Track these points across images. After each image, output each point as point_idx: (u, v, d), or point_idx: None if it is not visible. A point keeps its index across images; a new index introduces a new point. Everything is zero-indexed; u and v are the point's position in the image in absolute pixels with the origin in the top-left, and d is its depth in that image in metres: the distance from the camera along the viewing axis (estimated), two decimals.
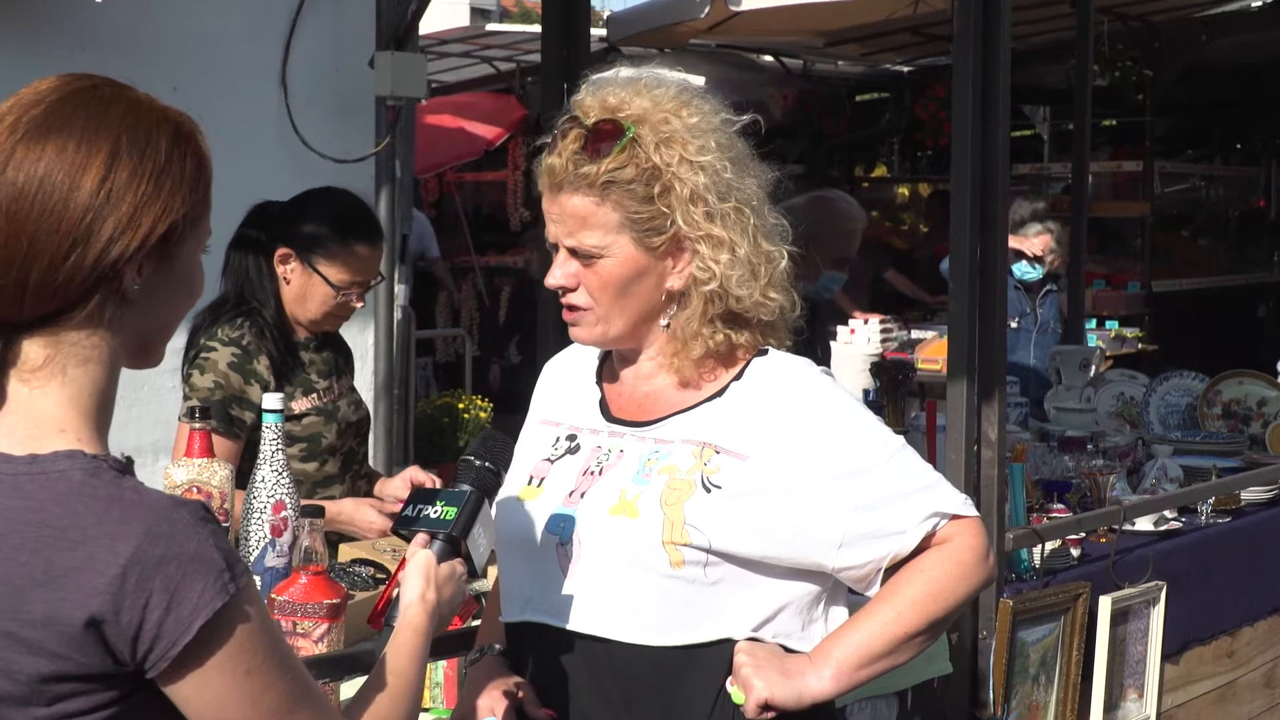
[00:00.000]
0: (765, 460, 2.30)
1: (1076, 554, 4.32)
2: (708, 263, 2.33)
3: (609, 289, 2.35)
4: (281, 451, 2.91)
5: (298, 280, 3.74)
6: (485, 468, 2.27)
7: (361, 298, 3.79)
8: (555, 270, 2.37)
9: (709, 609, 2.30)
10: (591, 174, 2.30)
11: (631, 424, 2.42)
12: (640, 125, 2.32)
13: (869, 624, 2.32)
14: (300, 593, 2.57)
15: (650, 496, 2.31)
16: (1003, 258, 3.95)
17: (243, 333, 3.68)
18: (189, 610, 1.63)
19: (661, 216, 2.32)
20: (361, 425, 3.91)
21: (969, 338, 3.89)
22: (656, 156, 2.31)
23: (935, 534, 2.34)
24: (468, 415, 8.62)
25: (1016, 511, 4.14)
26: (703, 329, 2.36)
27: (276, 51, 6.74)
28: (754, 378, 2.39)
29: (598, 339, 2.41)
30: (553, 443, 2.49)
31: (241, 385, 3.63)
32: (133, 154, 1.71)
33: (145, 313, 1.76)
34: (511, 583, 2.44)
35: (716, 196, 2.33)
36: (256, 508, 2.89)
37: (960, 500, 2.38)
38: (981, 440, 3.92)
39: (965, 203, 3.86)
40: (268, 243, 3.75)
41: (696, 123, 2.34)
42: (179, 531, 1.64)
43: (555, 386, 2.59)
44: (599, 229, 2.32)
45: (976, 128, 3.86)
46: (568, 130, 2.34)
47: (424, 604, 2.11)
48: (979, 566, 2.36)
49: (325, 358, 3.84)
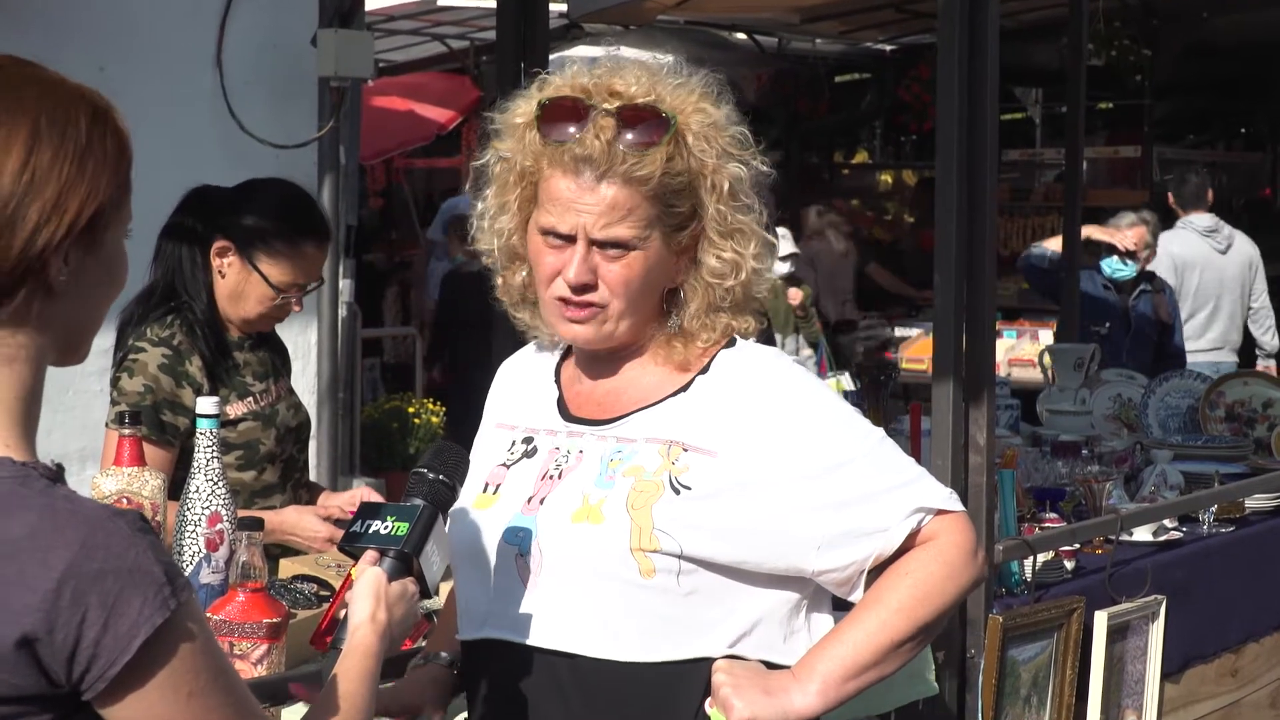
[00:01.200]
0: (736, 456, 2.32)
1: (1070, 566, 4.34)
2: (731, 255, 2.39)
3: (633, 285, 2.37)
4: (217, 459, 2.90)
5: (234, 276, 3.73)
6: (439, 481, 2.27)
7: (300, 301, 3.79)
8: (571, 266, 2.35)
9: (683, 622, 2.31)
10: (645, 165, 2.32)
11: (591, 423, 2.44)
12: (678, 116, 2.35)
13: (854, 633, 2.33)
14: (238, 611, 2.57)
15: (615, 500, 2.32)
16: (991, 249, 3.97)
17: (173, 331, 3.67)
18: (128, 627, 1.63)
19: (690, 212, 2.38)
20: (302, 430, 3.91)
21: (956, 335, 3.91)
22: (698, 150, 2.36)
23: (920, 531, 2.35)
24: (418, 421, 8.61)
25: (1006, 521, 4.16)
26: (707, 319, 2.42)
27: (211, 29, 6.73)
28: (721, 371, 2.41)
29: (604, 338, 2.41)
30: (508, 447, 2.50)
31: (173, 388, 3.62)
32: (53, 135, 1.71)
33: (72, 305, 1.75)
34: (469, 598, 2.44)
35: (744, 191, 2.40)
36: (190, 520, 2.89)
37: (945, 494, 2.39)
38: (969, 445, 3.94)
39: (951, 190, 3.87)
40: (204, 233, 3.74)
41: (727, 113, 2.41)
42: (116, 543, 1.64)
43: (510, 388, 2.60)
44: (639, 222, 2.34)
45: (963, 110, 3.87)
46: (576, 109, 2.34)
47: (374, 625, 2.11)
48: (968, 564, 2.37)
49: (261, 358, 3.84)
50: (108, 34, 6.37)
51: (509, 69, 4.48)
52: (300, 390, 4.03)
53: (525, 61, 4.46)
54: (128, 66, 6.26)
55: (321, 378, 7.08)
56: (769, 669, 2.35)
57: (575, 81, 2.38)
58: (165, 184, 3.49)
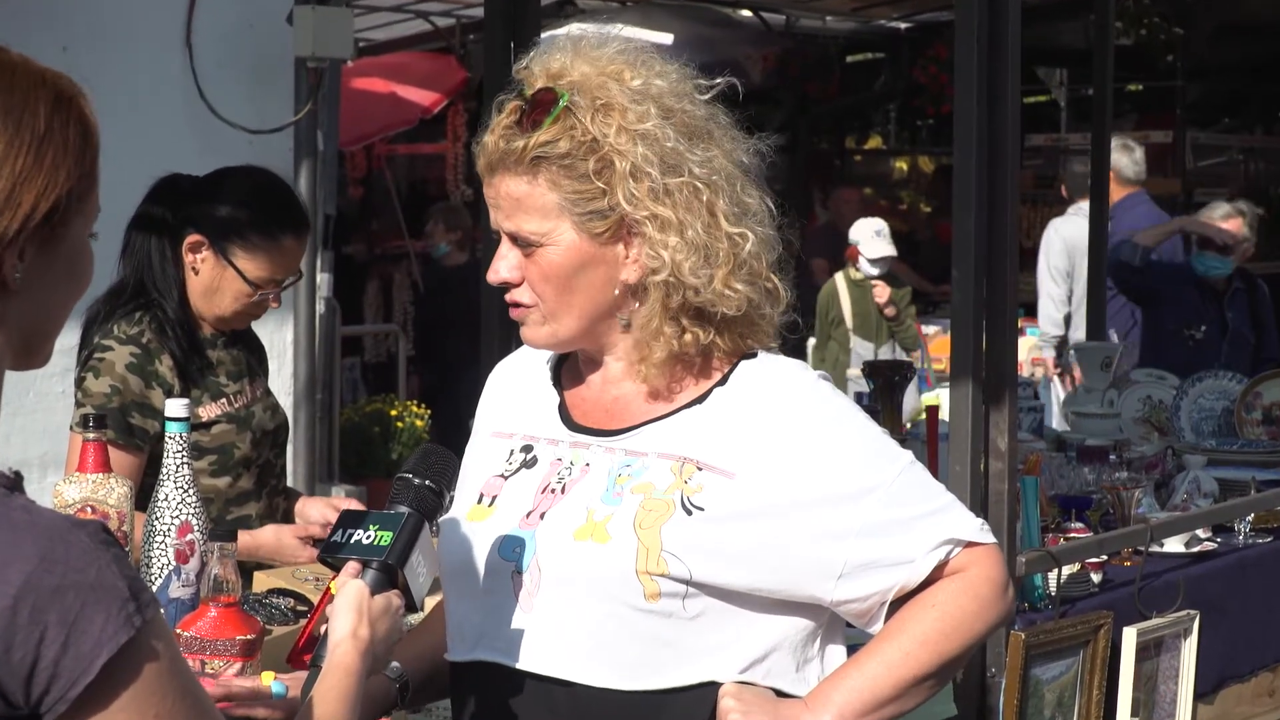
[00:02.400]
0: (754, 478, 2.30)
1: (1097, 579, 4.35)
2: (656, 248, 2.33)
3: (552, 282, 2.35)
4: (188, 465, 2.90)
5: (208, 272, 3.73)
6: (425, 486, 2.26)
7: (279, 297, 3.79)
8: (496, 263, 2.38)
9: (689, 648, 2.30)
10: (519, 149, 2.30)
11: (598, 433, 2.42)
12: (578, 92, 2.32)
13: (873, 664, 2.32)
14: (209, 628, 2.57)
15: (622, 519, 2.30)
16: (1013, 240, 3.98)
17: (142, 329, 3.67)
18: (90, 646, 1.63)
19: (602, 196, 2.32)
20: (279, 434, 3.92)
21: (975, 333, 3.91)
22: (594, 127, 2.30)
23: (947, 563, 2.34)
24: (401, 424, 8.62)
25: (1029, 531, 4.16)
26: (664, 327, 2.35)
27: (180, 7, 6.72)
28: (741, 383, 2.38)
29: (547, 340, 2.41)
30: (506, 456, 2.48)
31: (142, 389, 3.62)
32: (8, 123, 1.70)
33: (28, 305, 1.75)
34: (459, 617, 2.43)
35: (661, 170, 2.31)
36: (159, 530, 2.89)
37: (976, 525, 2.38)
38: (989, 450, 3.94)
39: (970, 178, 3.88)
40: (175, 225, 3.75)
41: (639, 86, 2.33)
42: (77, 556, 1.64)
43: (506, 393, 2.58)
44: (536, 213, 2.32)
45: (983, 93, 3.88)
46: (505, 103, 2.35)
47: (356, 642, 2.11)
48: (997, 601, 2.36)
49: (236, 357, 3.84)
50: (70, 12, 6.37)
51: (498, 48, 4.48)
52: (275, 392, 4.03)
53: (515, 40, 4.46)
54: (91, 47, 6.26)
55: (298, 378, 7.08)
56: (780, 697, 2.34)
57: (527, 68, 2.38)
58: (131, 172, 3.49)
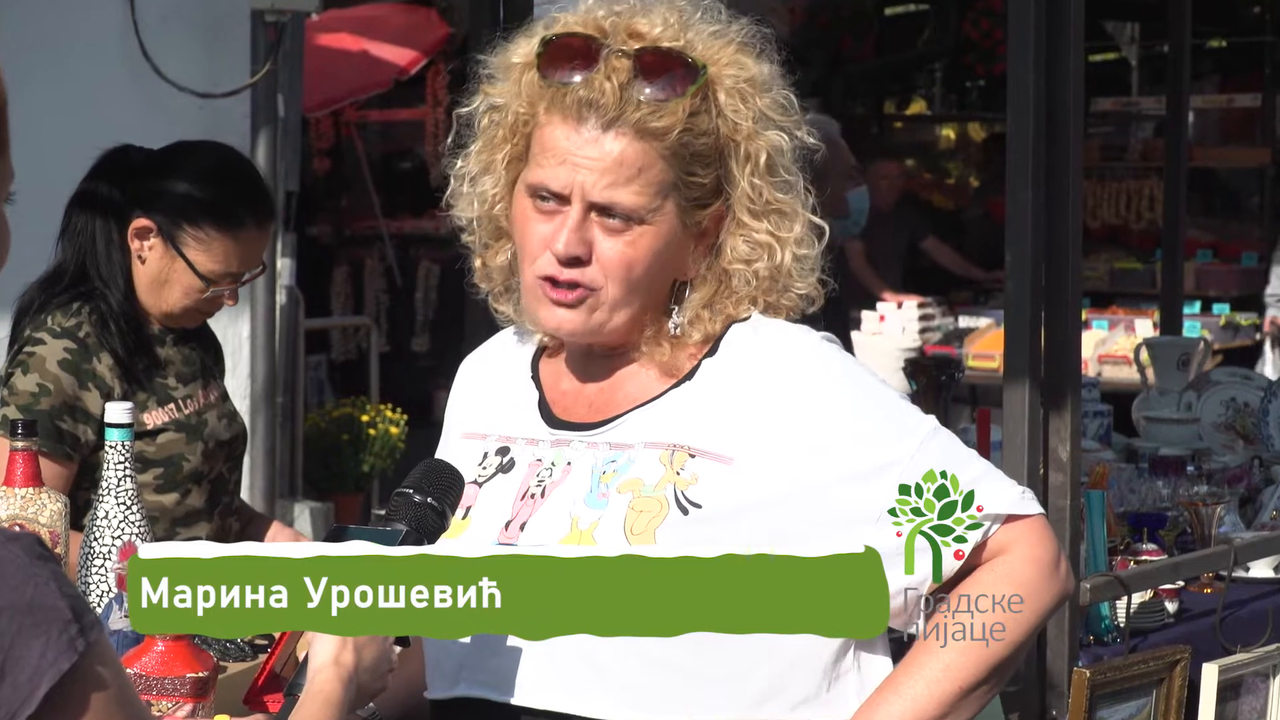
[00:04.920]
0: (755, 462, 2.32)
1: (1173, 609, 4.35)
2: (765, 237, 2.39)
3: (636, 268, 2.37)
4: (130, 479, 2.91)
5: (156, 262, 3.73)
6: (428, 505, 2.27)
7: (235, 293, 3.80)
8: (565, 234, 2.36)
9: (696, 672, 2.32)
10: (665, 117, 2.33)
11: (581, 427, 2.44)
12: (710, 67, 2.37)
13: (913, 684, 2.33)
14: (156, 664, 2.58)
15: (610, 524, 2.33)
16: (1076, 219, 3.98)
17: (80, 321, 3.68)
18: (28, 675, 1.64)
19: (714, 185, 2.39)
20: (235, 445, 3.91)
21: (1032, 326, 3.92)
22: (731, 110, 2.37)
23: (986, 543, 2.36)
24: (374, 431, 8.63)
25: (1095, 554, 4.17)
26: (703, 311, 2.42)
27: None
28: (733, 351, 2.41)
29: (594, 330, 2.41)
30: (479, 461, 2.50)
31: (75, 390, 3.63)
32: None
33: None
34: (437, 649, 2.45)
35: (790, 164, 2.41)
36: (99, 552, 2.90)
37: (1017, 494, 2.39)
38: (1049, 461, 3.95)
39: (1026, 148, 3.88)
40: (123, 205, 3.75)
41: (771, 72, 2.42)
42: (11, 574, 1.65)
43: (477, 390, 2.61)
44: (650, 187, 2.35)
45: (1041, 50, 3.88)
46: (587, 49, 2.35)
47: (338, 669, 2.12)
48: (1048, 582, 2.37)
49: (188, 356, 3.84)
50: None
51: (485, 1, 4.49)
52: (231, 394, 4.03)
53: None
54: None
55: (255, 379, 7.09)
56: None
57: (590, 19, 2.39)
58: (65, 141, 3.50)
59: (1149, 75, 14.08)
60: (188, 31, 6.84)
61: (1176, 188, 7.22)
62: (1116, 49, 14.45)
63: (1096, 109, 13.31)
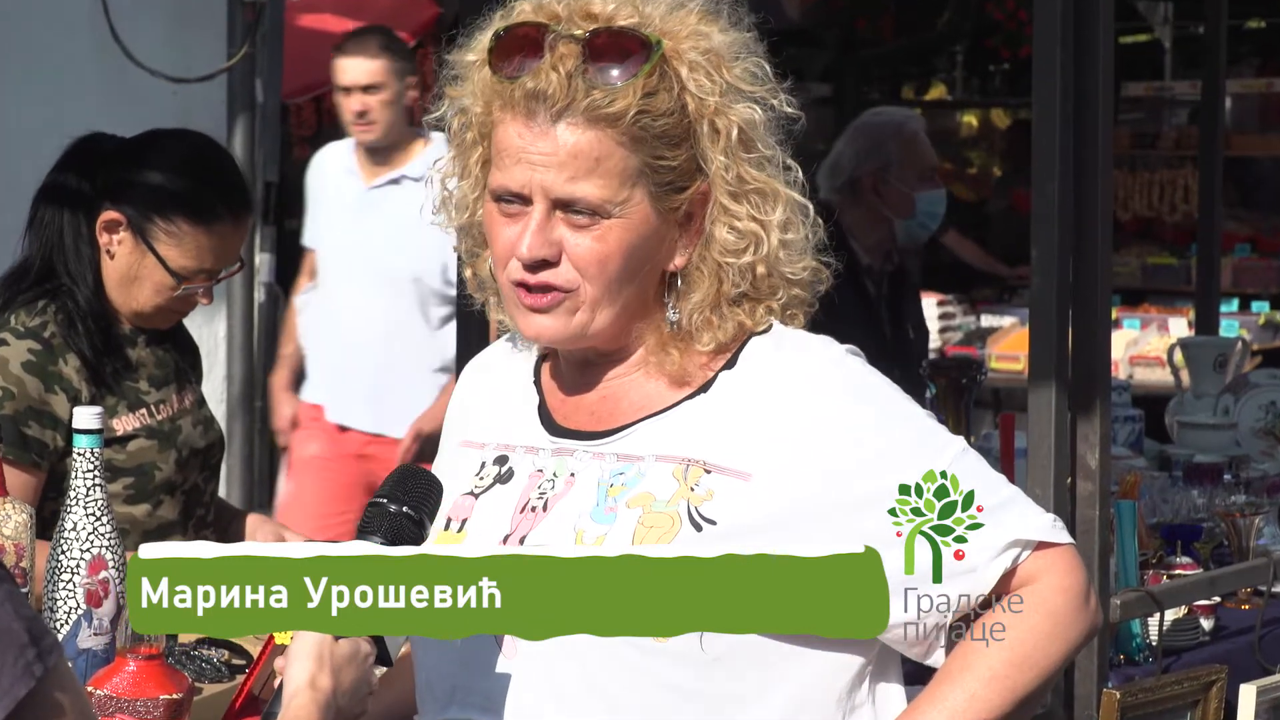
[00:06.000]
0: (774, 480, 2.33)
1: (1208, 626, 4.35)
2: (748, 223, 2.38)
3: (611, 264, 2.37)
4: (100, 488, 2.92)
5: (126, 257, 3.73)
6: (403, 514, 2.27)
7: (210, 291, 3.80)
8: (527, 235, 2.36)
9: (708, 699, 2.32)
10: (616, 101, 2.32)
11: (584, 435, 2.45)
12: (665, 40, 2.36)
13: (936, 714, 2.34)
14: (128, 685, 2.59)
15: (618, 539, 2.33)
16: (1105, 211, 3.98)
17: (46, 320, 3.68)
18: None
19: (689, 164, 2.38)
20: (210, 454, 3.91)
21: (1059, 326, 3.92)
22: (695, 85, 2.36)
23: (1015, 571, 2.37)
24: None
25: (1126, 568, 4.17)
26: (713, 315, 2.41)
27: None
28: (752, 363, 2.42)
29: (576, 334, 2.41)
30: (476, 470, 2.51)
31: (41, 394, 3.63)
32: None
33: None
34: (430, 670, 2.46)
35: (765, 134, 2.40)
36: (67, 566, 2.90)
37: (1047, 522, 2.40)
38: (1078, 469, 3.95)
39: (1053, 136, 3.89)
40: (92, 197, 3.75)
41: (738, 40, 2.41)
42: None
43: (477, 397, 2.62)
44: (613, 177, 2.35)
45: (1068, 31, 3.89)
46: (537, 38, 2.35)
47: (314, 693, 2.13)
48: (1077, 614, 2.39)
49: (161, 359, 3.85)
50: None
51: None
52: (207, 398, 4.03)
53: None
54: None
55: (232, 382, 7.08)
56: None
57: (544, 5, 2.39)
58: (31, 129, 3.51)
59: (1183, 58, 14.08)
60: (160, 12, 6.84)
61: (1212, 178, 7.22)
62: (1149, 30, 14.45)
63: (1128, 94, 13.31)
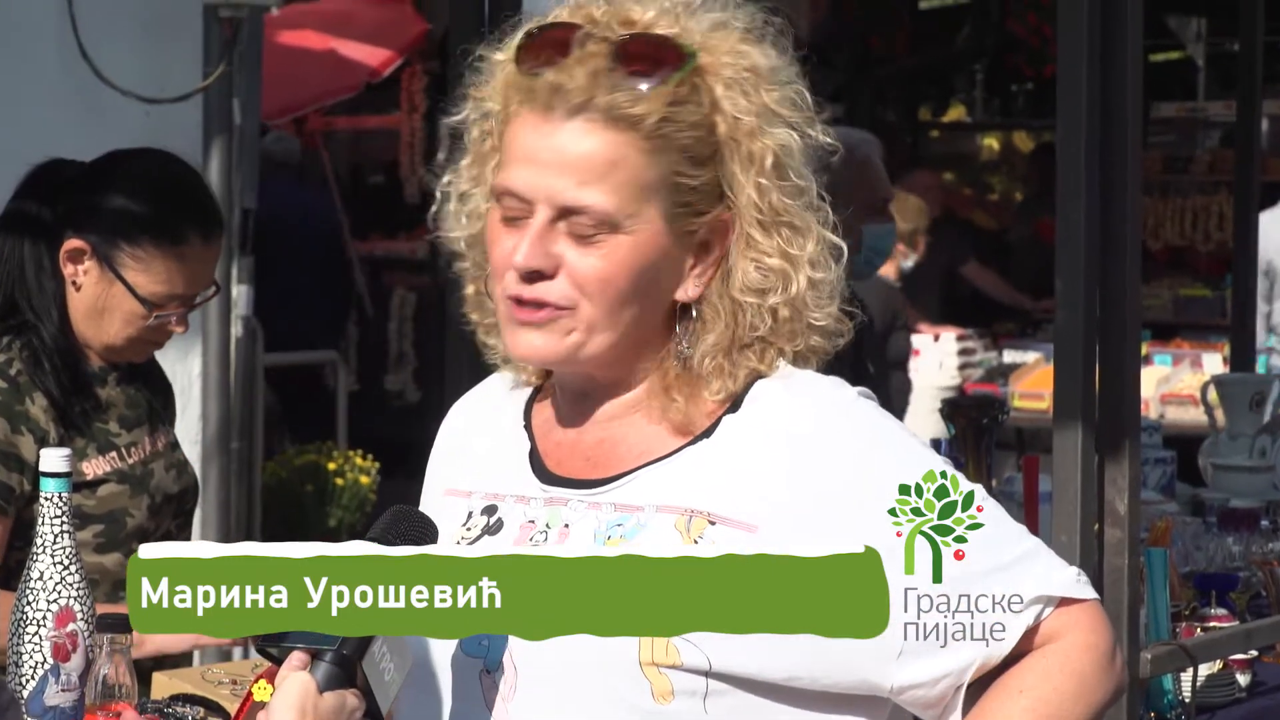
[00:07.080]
0: (783, 531, 2.32)
1: (1245, 682, 4.35)
2: (777, 260, 2.37)
3: (615, 282, 2.34)
4: (68, 535, 2.92)
5: (92, 287, 3.74)
6: None
7: (185, 319, 3.80)
8: (523, 243, 2.34)
9: None
10: (640, 103, 2.31)
11: (579, 484, 2.44)
12: (705, 53, 2.36)
13: None
14: None
15: None
16: (1135, 240, 3.99)
17: (10, 358, 3.68)
18: None
19: (710, 190, 2.36)
20: (185, 499, 3.91)
21: (1086, 362, 3.93)
22: (727, 102, 2.35)
23: (1038, 628, 2.37)
24: (342, 481, 8.63)
25: (1157, 620, 4.17)
26: (725, 360, 2.40)
27: None
28: (758, 407, 2.41)
29: (568, 355, 2.39)
30: (463, 520, 2.50)
31: (7, 435, 3.63)
32: None
33: None
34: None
35: (800, 164, 2.38)
36: (32, 618, 2.90)
37: (1071, 577, 2.40)
38: (1106, 515, 3.95)
39: (1079, 159, 3.89)
40: (53, 225, 3.75)
41: (777, 63, 2.40)
42: None
43: (463, 441, 2.61)
44: (626, 188, 2.33)
45: (1095, 49, 3.89)
46: (568, 38, 2.34)
47: None
48: (1103, 675, 2.38)
49: (133, 398, 3.85)
50: None
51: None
52: (181, 440, 4.03)
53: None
54: None
55: (208, 422, 7.09)
56: None
57: (583, 9, 2.39)
58: None
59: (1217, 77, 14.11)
60: (132, 28, 6.85)
61: (1248, 204, 7.22)
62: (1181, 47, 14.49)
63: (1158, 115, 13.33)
